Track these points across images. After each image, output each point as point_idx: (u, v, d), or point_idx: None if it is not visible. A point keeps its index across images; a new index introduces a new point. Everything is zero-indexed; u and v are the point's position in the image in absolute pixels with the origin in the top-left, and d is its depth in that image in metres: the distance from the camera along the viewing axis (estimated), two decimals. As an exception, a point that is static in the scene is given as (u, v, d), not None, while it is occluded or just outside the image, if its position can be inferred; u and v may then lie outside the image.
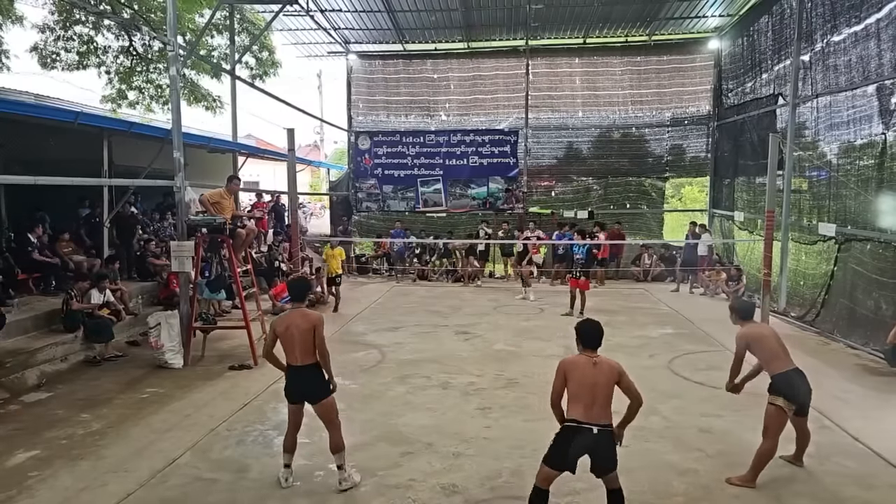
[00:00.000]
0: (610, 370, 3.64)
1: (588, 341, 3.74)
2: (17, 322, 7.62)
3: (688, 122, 15.89)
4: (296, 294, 4.62)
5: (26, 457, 4.98)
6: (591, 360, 3.66)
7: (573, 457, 3.56)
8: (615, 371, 3.65)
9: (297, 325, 4.38)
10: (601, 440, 3.53)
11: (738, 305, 4.89)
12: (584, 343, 3.76)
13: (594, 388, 3.57)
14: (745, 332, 4.57)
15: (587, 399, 3.56)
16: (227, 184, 8.25)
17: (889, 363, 7.11)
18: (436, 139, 16.23)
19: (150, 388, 6.77)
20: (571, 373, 3.64)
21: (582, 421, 3.53)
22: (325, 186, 23.22)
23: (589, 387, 3.58)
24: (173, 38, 7.93)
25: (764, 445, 4.41)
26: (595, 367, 3.63)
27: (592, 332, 3.76)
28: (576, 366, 3.66)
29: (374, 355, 7.98)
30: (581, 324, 3.86)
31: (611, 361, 3.71)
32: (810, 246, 9.80)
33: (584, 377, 3.60)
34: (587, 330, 3.77)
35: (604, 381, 3.60)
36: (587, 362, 3.65)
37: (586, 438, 3.52)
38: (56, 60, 13.94)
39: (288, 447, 4.51)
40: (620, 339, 8.78)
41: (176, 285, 8.65)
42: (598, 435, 3.51)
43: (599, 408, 3.55)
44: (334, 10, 14.29)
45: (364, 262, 16.27)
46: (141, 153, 10.05)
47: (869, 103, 8.33)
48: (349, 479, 4.40)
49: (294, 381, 4.46)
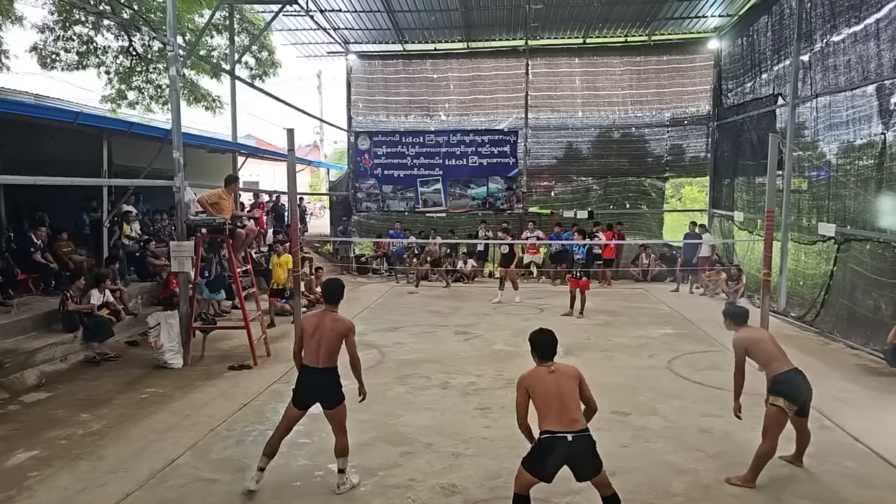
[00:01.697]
0: (570, 376, 3.66)
1: (544, 353, 3.74)
2: (16, 322, 7.63)
3: (687, 122, 15.89)
4: (330, 295, 4.50)
5: (26, 457, 4.98)
6: (549, 370, 3.65)
7: (551, 468, 3.53)
8: (575, 376, 3.68)
9: (328, 327, 4.32)
10: (577, 446, 3.49)
11: (731, 311, 4.87)
12: (541, 355, 3.75)
13: (560, 396, 3.56)
14: (743, 337, 4.57)
15: (556, 408, 3.53)
16: (225, 184, 8.24)
17: (889, 363, 7.10)
18: (435, 139, 16.22)
19: (150, 388, 6.76)
20: (535, 387, 3.63)
21: (556, 430, 3.49)
22: (324, 186, 23.25)
23: (555, 396, 3.56)
24: (173, 38, 7.93)
25: (763, 446, 4.40)
26: (555, 374, 3.63)
27: (547, 343, 3.75)
28: (537, 379, 3.65)
29: (373, 355, 7.99)
30: (535, 335, 3.82)
31: (568, 367, 3.73)
32: (810, 246, 9.80)
33: (548, 388, 3.59)
34: (543, 342, 3.76)
35: (567, 386, 3.60)
36: (546, 372, 3.65)
37: (562, 448, 3.47)
38: (56, 60, 13.96)
39: (270, 451, 4.37)
40: (621, 340, 8.78)
41: (176, 285, 8.65)
42: (573, 442, 3.47)
43: (570, 413, 3.53)
44: (334, 10, 14.28)
45: (364, 262, 16.28)
46: (141, 153, 10.05)
47: (868, 103, 8.33)
48: (347, 483, 4.37)
49: (309, 383, 4.35)
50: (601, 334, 9.27)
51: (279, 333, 8.93)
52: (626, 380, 6.96)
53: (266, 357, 7.94)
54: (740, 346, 4.52)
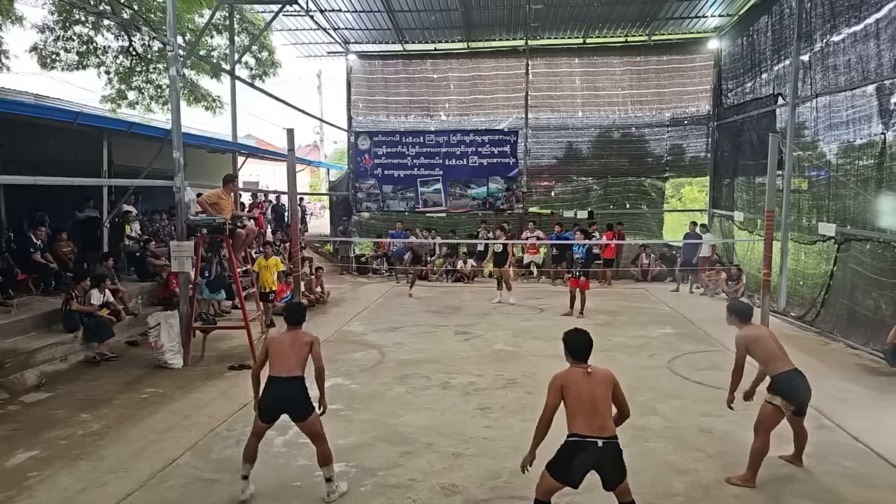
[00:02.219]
0: (606, 380, 3.55)
1: (579, 354, 3.62)
2: (16, 322, 7.63)
3: (687, 122, 15.90)
4: (293, 318, 4.52)
5: (26, 457, 4.98)
6: (586, 371, 3.55)
7: (578, 472, 3.44)
8: (610, 381, 3.57)
9: (294, 340, 4.35)
10: (607, 453, 3.41)
11: (736, 307, 4.84)
12: (575, 356, 3.63)
13: (594, 400, 3.46)
14: (745, 335, 4.55)
15: (588, 411, 3.44)
16: (223, 184, 8.22)
17: (889, 363, 7.10)
18: (435, 139, 16.23)
19: (150, 388, 6.76)
20: (569, 387, 3.51)
21: (586, 435, 3.40)
22: (324, 186, 23.25)
23: (588, 399, 3.46)
24: (173, 38, 7.93)
25: (756, 444, 4.42)
26: (591, 377, 3.52)
27: (583, 344, 3.63)
28: (572, 379, 3.54)
29: (373, 355, 7.98)
30: (571, 335, 3.69)
31: (605, 371, 3.62)
32: (810, 246, 9.80)
33: (581, 390, 3.48)
34: (578, 342, 3.64)
35: (602, 392, 3.50)
36: (583, 374, 3.54)
37: (591, 453, 3.39)
38: (56, 60, 13.95)
39: (249, 457, 4.29)
40: (621, 339, 8.79)
41: (176, 285, 8.65)
42: (603, 448, 3.39)
43: (602, 419, 3.43)
44: (334, 10, 14.29)
45: (364, 262, 16.29)
46: (141, 153, 10.05)
47: (868, 103, 8.33)
48: (336, 492, 4.30)
49: (276, 393, 4.22)
50: (601, 334, 9.26)
51: (279, 333, 8.92)
52: (626, 380, 6.86)
53: (266, 357, 7.93)
54: (742, 343, 4.51)
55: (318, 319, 10.32)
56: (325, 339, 9.01)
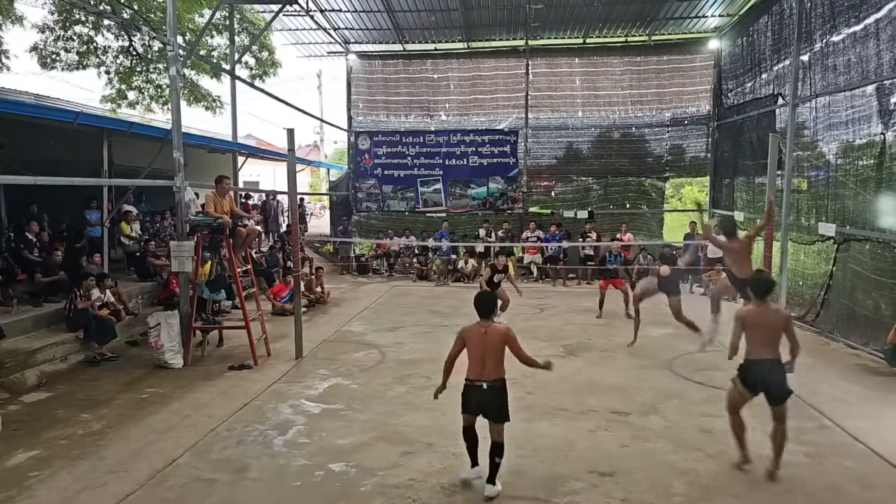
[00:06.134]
0: (498, 336, 4.29)
1: (480, 313, 4.41)
2: (17, 322, 7.63)
3: (688, 122, 15.88)
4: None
5: (26, 457, 4.98)
6: (482, 329, 4.32)
7: (474, 406, 4.33)
8: (503, 337, 4.29)
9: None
10: (490, 394, 4.26)
11: (758, 281, 4.64)
12: (479, 314, 4.41)
13: (484, 352, 4.26)
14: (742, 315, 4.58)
15: (478, 361, 4.28)
16: (216, 185, 7.99)
17: (889, 363, 7.11)
18: (436, 139, 16.22)
19: (150, 388, 6.77)
20: (468, 340, 4.35)
21: (474, 379, 4.30)
22: (324, 186, 23.25)
23: (480, 350, 4.27)
24: (173, 38, 7.93)
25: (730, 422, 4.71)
26: (485, 334, 4.29)
27: (486, 303, 4.44)
28: (471, 334, 4.35)
29: (374, 355, 7.98)
30: (476, 297, 4.49)
31: (499, 328, 4.35)
32: (809, 246, 9.80)
33: (476, 344, 4.30)
34: (479, 303, 4.44)
35: (492, 344, 4.27)
36: (478, 331, 4.32)
37: (479, 393, 4.27)
38: (56, 60, 13.94)
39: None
40: (621, 339, 8.78)
41: (176, 285, 8.65)
42: (487, 390, 4.26)
43: (491, 367, 4.26)
44: (334, 10, 14.28)
45: (364, 261, 16.28)
46: (141, 153, 10.05)
47: (868, 103, 8.33)
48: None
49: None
50: (602, 334, 9.27)
51: (280, 333, 8.92)
52: (626, 380, 6.97)
53: (266, 357, 7.94)
54: (738, 321, 4.59)
55: (318, 319, 10.32)
56: (325, 339, 9.02)
